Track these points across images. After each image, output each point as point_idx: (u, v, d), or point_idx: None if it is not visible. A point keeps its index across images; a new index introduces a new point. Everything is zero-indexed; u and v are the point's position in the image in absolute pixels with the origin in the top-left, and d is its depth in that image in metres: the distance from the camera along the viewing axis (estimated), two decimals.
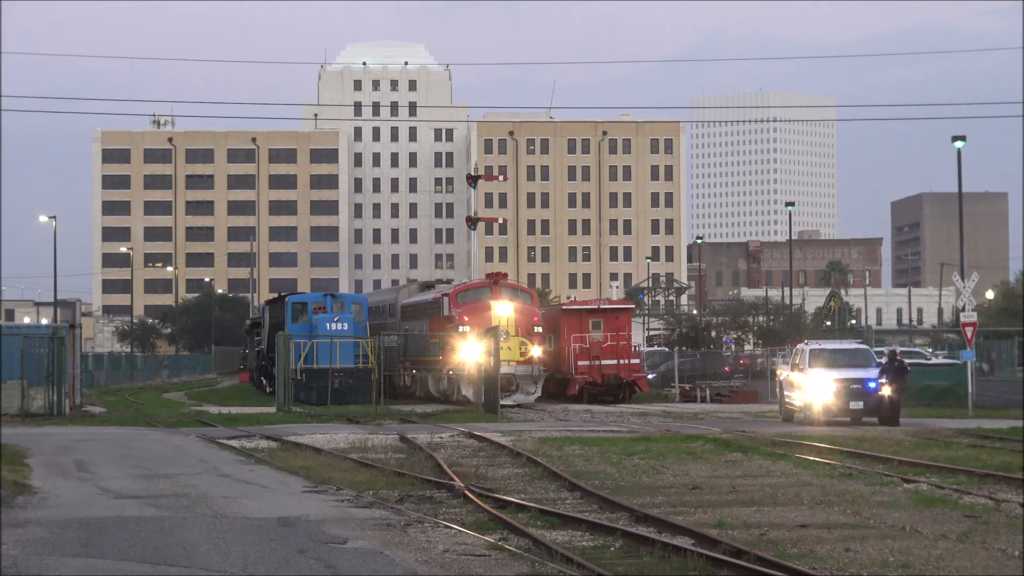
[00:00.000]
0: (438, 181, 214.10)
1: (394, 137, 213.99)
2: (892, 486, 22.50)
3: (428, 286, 65.68)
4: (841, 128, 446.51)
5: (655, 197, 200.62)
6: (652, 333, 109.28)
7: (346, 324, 55.53)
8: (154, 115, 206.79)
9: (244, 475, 24.60)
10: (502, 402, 51.24)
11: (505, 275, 58.55)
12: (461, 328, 53.09)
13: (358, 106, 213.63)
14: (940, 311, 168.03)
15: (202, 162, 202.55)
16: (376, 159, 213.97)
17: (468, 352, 51.74)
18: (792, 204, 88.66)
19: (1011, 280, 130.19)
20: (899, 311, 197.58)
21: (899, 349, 46.86)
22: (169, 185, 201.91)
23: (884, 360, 42.12)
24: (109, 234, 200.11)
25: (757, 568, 14.17)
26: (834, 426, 39.56)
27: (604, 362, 58.56)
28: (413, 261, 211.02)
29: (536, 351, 54.43)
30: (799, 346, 45.01)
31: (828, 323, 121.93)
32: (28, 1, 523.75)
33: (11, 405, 44.94)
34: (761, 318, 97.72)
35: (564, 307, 63.54)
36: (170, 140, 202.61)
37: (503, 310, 53.99)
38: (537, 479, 24.12)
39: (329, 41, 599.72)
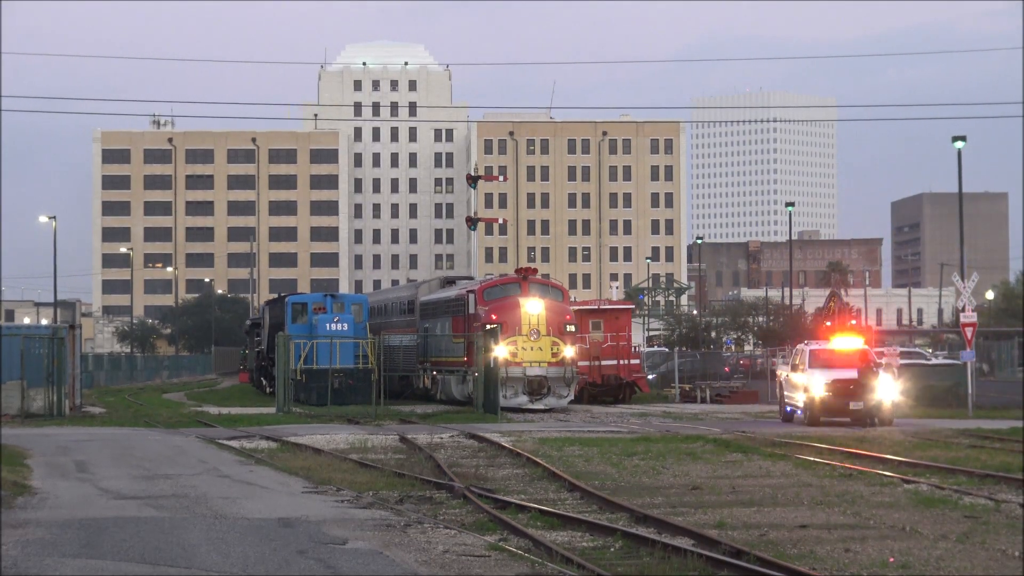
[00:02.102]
0: (438, 181, 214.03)
1: (394, 137, 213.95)
2: (892, 487, 22.50)
3: (449, 282, 61.99)
4: (841, 128, 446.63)
5: (655, 197, 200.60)
6: (652, 333, 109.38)
7: (346, 324, 55.48)
8: (154, 115, 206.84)
9: (244, 476, 24.60)
10: (533, 405, 50.08)
11: (535, 270, 55.22)
12: (489, 327, 49.35)
13: (358, 106, 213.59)
14: (940, 311, 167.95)
15: (202, 162, 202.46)
16: (376, 159, 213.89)
17: (499, 353, 47.97)
18: (792, 204, 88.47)
19: (1011, 280, 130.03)
20: (899, 311, 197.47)
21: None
22: (169, 185, 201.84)
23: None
24: (109, 234, 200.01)
25: (757, 569, 14.17)
26: (834, 426, 39.58)
27: (604, 362, 58.42)
28: (413, 261, 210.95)
29: (569, 351, 51.24)
30: (799, 346, 45.05)
31: (828, 324, 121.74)
32: (28, 1, 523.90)
33: (11, 406, 44.94)
34: (761, 318, 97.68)
35: None
36: (170, 140, 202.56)
37: (533, 308, 51.13)
38: (537, 480, 24.12)
39: (329, 41, 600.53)
